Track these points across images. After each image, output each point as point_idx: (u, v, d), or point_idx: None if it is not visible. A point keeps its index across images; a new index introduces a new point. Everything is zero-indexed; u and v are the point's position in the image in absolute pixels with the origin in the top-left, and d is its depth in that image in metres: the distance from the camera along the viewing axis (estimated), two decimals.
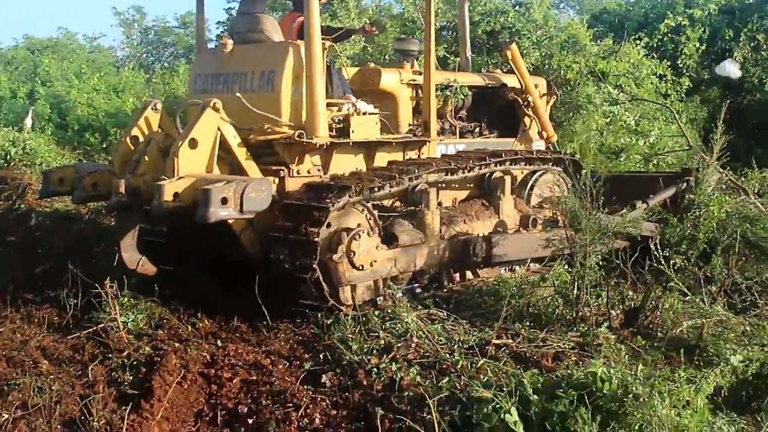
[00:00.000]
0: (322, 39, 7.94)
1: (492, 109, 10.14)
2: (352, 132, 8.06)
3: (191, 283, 8.19)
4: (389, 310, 6.93)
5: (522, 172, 9.38)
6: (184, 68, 23.81)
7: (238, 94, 7.68)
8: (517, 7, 15.53)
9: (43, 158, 14.68)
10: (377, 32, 9.99)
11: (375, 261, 7.51)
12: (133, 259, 7.85)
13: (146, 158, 7.68)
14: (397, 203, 8.44)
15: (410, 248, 7.87)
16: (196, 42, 9.15)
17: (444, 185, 8.65)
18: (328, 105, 8.00)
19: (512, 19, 14.71)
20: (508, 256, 8.51)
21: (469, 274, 8.61)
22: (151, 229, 8.48)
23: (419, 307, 7.33)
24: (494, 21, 14.70)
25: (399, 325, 6.60)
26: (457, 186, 8.93)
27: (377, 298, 7.50)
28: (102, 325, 6.86)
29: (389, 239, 7.83)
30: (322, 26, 7.89)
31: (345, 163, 8.19)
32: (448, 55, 14.69)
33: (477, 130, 10.00)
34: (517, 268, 8.75)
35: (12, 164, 14.44)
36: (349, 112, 8.13)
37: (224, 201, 6.70)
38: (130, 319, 7.04)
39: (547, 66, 14.29)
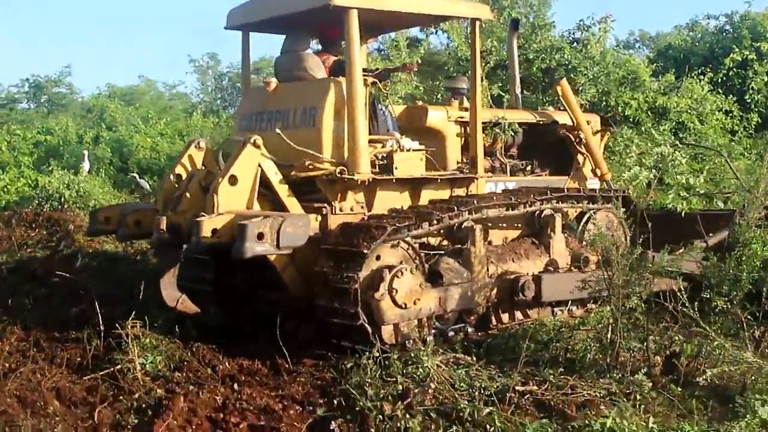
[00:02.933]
0: (364, 76, 7.96)
1: (544, 146, 9.98)
2: (396, 169, 8.00)
3: (218, 324, 8.20)
4: (413, 354, 6.72)
5: (574, 210, 9.19)
6: None
7: (277, 130, 7.72)
8: (574, 44, 15.37)
9: (97, 201, 14.97)
10: (416, 69, 9.98)
11: (418, 299, 7.37)
12: (172, 297, 7.88)
13: (187, 195, 7.74)
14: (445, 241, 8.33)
15: (455, 287, 7.74)
16: (242, 83, 9.25)
17: (492, 223, 8.53)
18: (372, 141, 7.99)
19: (568, 55, 14.57)
20: (557, 297, 8.30)
21: (519, 315, 8.43)
22: (195, 276, 8.53)
23: (448, 350, 7.13)
24: (549, 58, 14.59)
25: (420, 369, 6.37)
26: (506, 224, 8.78)
27: (406, 341, 7.34)
28: (119, 366, 6.79)
29: (434, 278, 7.72)
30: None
31: (389, 201, 8.13)
32: (502, 94, 14.62)
33: (528, 168, 9.86)
34: (558, 311, 8.52)
35: (66, 206, 14.76)
36: (392, 148, 8.08)
37: (260, 236, 6.69)
38: (149, 361, 6.93)
39: (604, 103, 14.09)
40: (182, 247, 7.64)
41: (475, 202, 7.94)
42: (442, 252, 7.98)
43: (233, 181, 7.33)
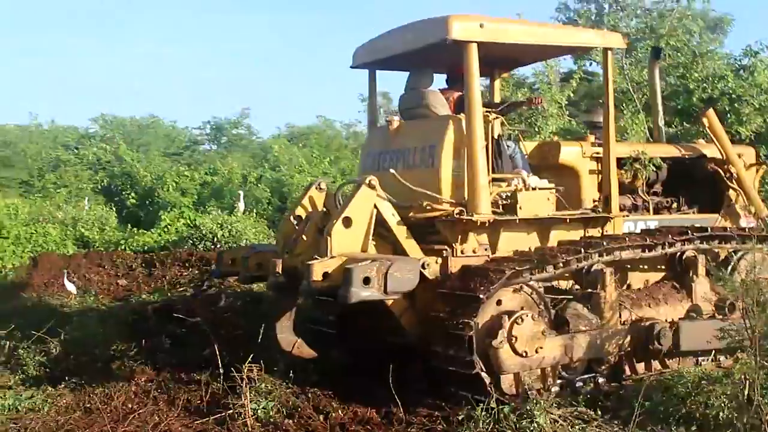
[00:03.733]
0: (487, 111, 7.76)
1: (691, 182, 9.39)
2: (520, 208, 7.70)
3: (340, 368, 8.10)
4: (527, 407, 6.35)
5: (725, 251, 8.53)
6: None
7: (392, 170, 7.61)
8: (741, 71, 14.44)
9: (249, 240, 15.35)
10: (543, 104, 9.63)
11: (541, 347, 7.02)
12: (288, 341, 7.83)
13: (304, 237, 7.75)
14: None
15: (583, 334, 7.31)
16: (368, 120, 9.21)
17: (631, 266, 8.06)
18: (495, 180, 7.75)
19: (732, 84, 13.68)
20: (697, 346, 7.69)
21: (657, 365, 7.88)
22: (320, 318, 8.53)
23: (572, 403, 6.70)
24: (712, 87, 13.75)
25: (534, 425, 6.02)
26: (646, 267, 8.27)
27: (528, 392, 6.95)
28: (231, 411, 6.80)
29: (560, 324, 7.34)
30: (486, 100, 7.71)
31: (515, 242, 7.82)
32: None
33: (674, 205, 9.30)
34: (703, 360, 7.88)
35: (219, 246, 15.22)
36: (516, 187, 7.79)
37: (366, 281, 6.55)
38: (261, 407, 6.92)
39: None
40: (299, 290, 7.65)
41: (604, 243, 7.51)
42: (570, 297, 7.59)
43: (347, 223, 7.25)
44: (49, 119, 38.06)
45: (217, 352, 7.61)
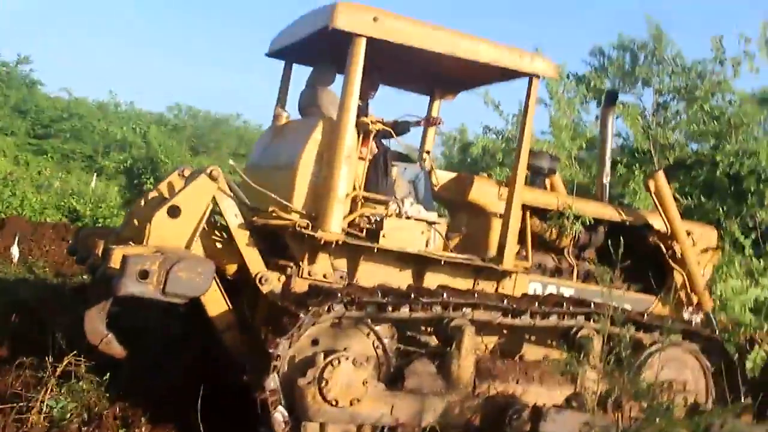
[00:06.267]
0: (375, 120, 7.04)
1: (636, 255, 8.34)
2: (383, 236, 6.86)
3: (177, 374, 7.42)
4: None
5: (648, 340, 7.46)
6: None
7: (230, 161, 6.94)
8: None
9: None
10: (442, 123, 8.71)
11: (357, 399, 6.18)
12: (96, 333, 6.99)
13: (135, 222, 7.09)
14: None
15: (418, 396, 6.42)
16: (273, 113, 8.51)
17: (525, 335, 7.23)
18: (370, 200, 6.98)
19: (765, 163, 12.31)
20: None
21: None
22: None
23: None
24: (737, 162, 12.42)
25: None
26: (538, 339, 7.35)
27: None
28: (22, 404, 6.28)
29: (396, 378, 6.48)
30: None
31: (378, 275, 6.98)
32: (678, 198, 12.68)
33: (607, 276, 8.25)
34: None
35: None
36: (387, 212, 6.97)
37: (143, 274, 5.85)
38: (59, 405, 6.33)
39: None
40: None
41: (444, 295, 6.53)
42: (422, 350, 6.71)
43: (174, 212, 6.56)
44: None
45: (52, 340, 7.08)
